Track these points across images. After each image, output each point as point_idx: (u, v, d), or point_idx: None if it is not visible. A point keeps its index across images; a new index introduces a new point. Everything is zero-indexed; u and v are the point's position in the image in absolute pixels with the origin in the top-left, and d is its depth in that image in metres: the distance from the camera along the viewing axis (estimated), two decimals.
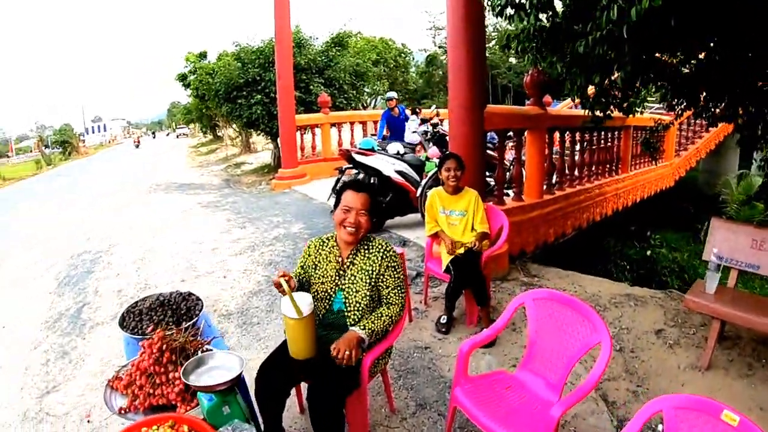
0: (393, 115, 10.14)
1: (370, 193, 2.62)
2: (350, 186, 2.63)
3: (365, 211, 2.58)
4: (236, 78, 13.61)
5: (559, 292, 2.71)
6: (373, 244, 2.69)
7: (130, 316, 2.77)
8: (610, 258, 9.81)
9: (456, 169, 4.15)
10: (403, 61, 32.25)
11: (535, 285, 5.13)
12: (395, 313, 2.61)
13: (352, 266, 2.65)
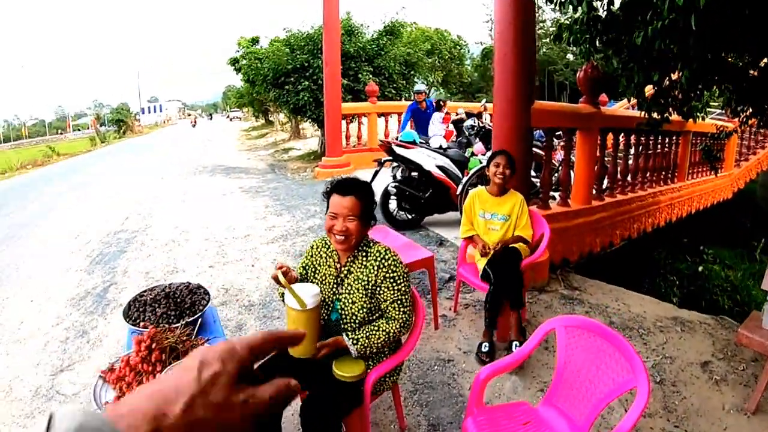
0: (420, 108, 9.77)
1: (360, 195, 2.30)
2: (336, 188, 2.32)
3: (354, 216, 2.28)
4: (284, 64, 13.52)
5: (594, 321, 2.36)
6: (371, 250, 2.41)
7: (135, 306, 2.66)
8: (659, 271, 9.33)
9: (506, 166, 3.82)
10: (458, 53, 31.76)
11: (575, 299, 4.76)
12: (394, 330, 2.33)
13: (349, 275, 2.41)
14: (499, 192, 3.89)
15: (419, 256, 3.81)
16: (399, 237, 4.26)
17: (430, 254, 3.85)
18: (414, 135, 6.35)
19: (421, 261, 3.79)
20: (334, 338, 2.29)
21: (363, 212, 2.30)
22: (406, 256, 3.75)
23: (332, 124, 10.73)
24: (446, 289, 4.75)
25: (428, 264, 3.85)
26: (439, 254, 5.48)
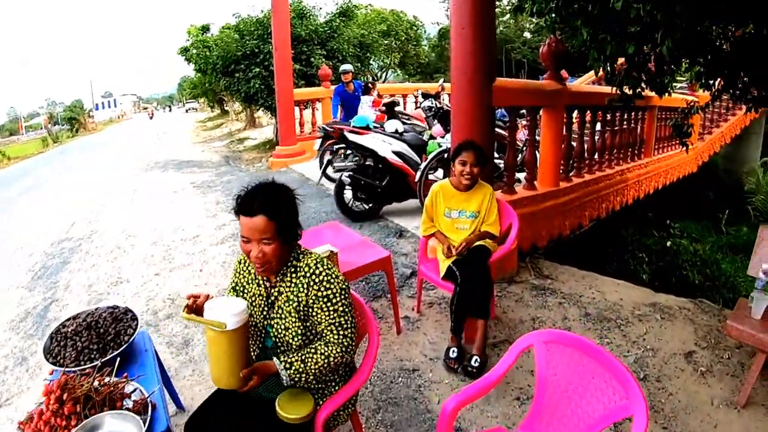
0: (348, 91, 9.00)
1: (271, 211, 1.85)
2: (240, 208, 1.89)
3: (269, 238, 1.86)
4: (233, 51, 12.95)
5: (577, 337, 1.97)
6: (301, 265, 1.99)
7: (56, 340, 2.30)
8: (627, 248, 9.18)
9: (474, 164, 3.35)
10: (414, 33, 31.25)
11: (547, 289, 4.44)
12: (335, 354, 1.93)
13: (280, 295, 2.00)
14: (466, 188, 3.47)
15: (375, 256, 3.39)
16: (352, 235, 3.84)
17: (387, 253, 3.43)
18: (368, 119, 5.91)
19: (378, 262, 3.38)
20: (263, 363, 1.91)
21: (279, 231, 1.87)
22: (360, 257, 3.34)
23: (285, 111, 10.20)
24: (408, 287, 4.36)
25: (385, 265, 3.44)
26: (399, 247, 5.09)
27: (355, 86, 9.08)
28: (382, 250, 3.52)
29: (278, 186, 1.95)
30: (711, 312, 4.38)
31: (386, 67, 30.86)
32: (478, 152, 3.36)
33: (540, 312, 4.04)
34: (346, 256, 3.30)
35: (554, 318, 3.97)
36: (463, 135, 3.99)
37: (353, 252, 3.42)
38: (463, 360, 3.32)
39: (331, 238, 3.68)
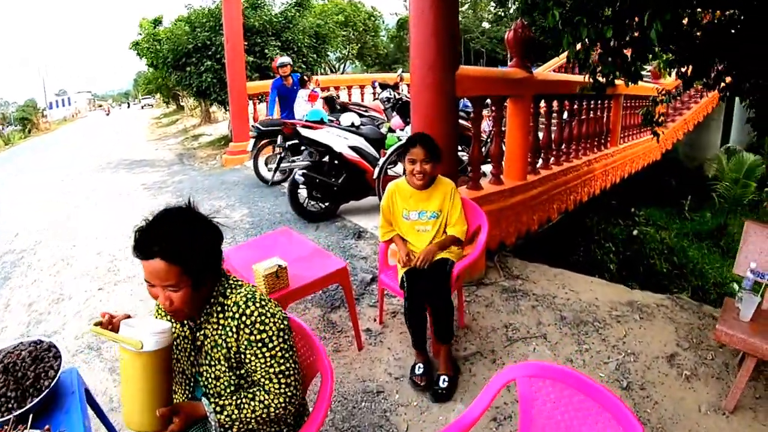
0: (285, 85, 8.33)
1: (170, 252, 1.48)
2: (136, 250, 1.52)
3: (173, 285, 1.49)
4: (184, 43, 12.44)
5: (567, 370, 1.63)
6: (229, 303, 1.62)
7: None
8: (593, 238, 9.04)
9: (425, 160, 2.94)
10: (372, 24, 30.90)
11: (518, 291, 4.15)
12: (277, 405, 1.58)
13: (206, 339, 1.64)
14: (424, 185, 3.08)
15: (329, 268, 3.00)
16: (305, 243, 3.44)
17: (343, 264, 3.04)
18: (322, 113, 5.52)
19: (333, 275, 2.98)
20: (189, 402, 1.58)
21: (187, 274, 1.50)
22: (313, 270, 2.96)
23: (237, 105, 9.74)
24: (369, 294, 4.00)
25: (342, 277, 3.05)
26: (357, 249, 4.73)
27: (293, 80, 8.47)
28: (338, 260, 3.13)
29: (184, 217, 1.57)
30: (690, 309, 4.19)
31: (344, 59, 30.44)
32: (429, 146, 2.95)
33: (513, 318, 3.74)
34: (297, 269, 2.93)
35: (528, 324, 3.68)
36: (423, 127, 3.65)
37: (306, 264, 3.04)
38: (432, 375, 2.99)
39: (281, 247, 3.31)
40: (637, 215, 11.10)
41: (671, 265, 8.89)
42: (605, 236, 9.23)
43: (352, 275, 4.16)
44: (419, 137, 3.00)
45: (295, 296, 2.83)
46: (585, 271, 7.81)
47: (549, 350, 3.42)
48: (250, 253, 3.24)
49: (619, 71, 3.67)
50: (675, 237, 10.39)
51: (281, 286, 2.75)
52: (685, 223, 11.56)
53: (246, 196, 6.82)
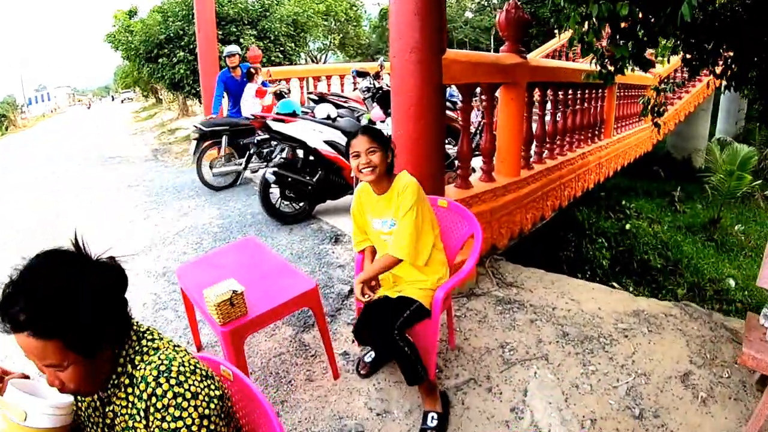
0: (234, 77, 7.49)
1: (44, 326, 1.04)
2: (7, 323, 1.06)
3: (56, 363, 1.08)
4: (156, 34, 11.95)
5: None
6: (138, 376, 1.17)
7: None
8: (585, 233, 8.70)
9: (371, 150, 2.43)
10: (354, 14, 30.16)
11: (514, 302, 3.72)
12: None
13: (116, 417, 1.22)
14: (380, 188, 2.55)
15: (295, 290, 2.50)
16: (270, 258, 2.92)
17: (312, 285, 2.54)
18: (294, 105, 5.02)
19: (300, 298, 2.49)
20: None
21: (69, 347, 1.08)
22: (276, 294, 2.47)
23: (211, 97, 9.13)
24: (347, 310, 3.51)
25: (311, 301, 2.56)
26: (334, 255, 4.24)
27: (242, 71, 7.57)
28: (307, 279, 2.62)
29: (64, 268, 1.14)
30: (700, 319, 3.80)
31: (326, 49, 29.76)
32: (373, 134, 2.49)
33: (509, 335, 3.31)
34: (258, 292, 2.45)
35: (527, 342, 3.25)
36: (406, 119, 3.21)
37: (269, 284, 2.56)
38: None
39: (242, 262, 2.83)
40: (627, 208, 10.79)
41: (665, 261, 8.60)
42: (596, 231, 8.91)
43: (327, 287, 3.70)
44: (361, 128, 2.57)
45: (254, 326, 2.35)
46: (577, 267, 7.55)
47: (551, 373, 2.99)
48: (206, 271, 2.76)
49: (630, 57, 3.23)
50: (668, 231, 10.09)
51: (238, 314, 2.27)
52: (677, 216, 11.28)
53: (215, 196, 6.30)
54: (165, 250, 4.89)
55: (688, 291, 7.72)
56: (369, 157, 2.42)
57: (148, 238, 5.30)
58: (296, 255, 4.24)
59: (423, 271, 2.56)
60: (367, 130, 2.49)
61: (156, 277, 4.33)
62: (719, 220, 10.39)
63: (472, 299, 3.69)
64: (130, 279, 3.41)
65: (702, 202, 12.27)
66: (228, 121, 6.30)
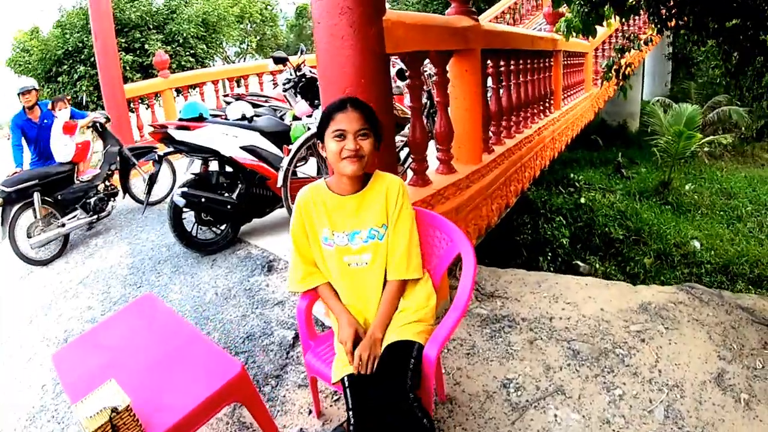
0: (32, 119, 5.72)
1: None
2: None
3: None
4: (54, 50, 10.60)
5: None
6: None
7: None
8: (539, 212, 8.23)
9: (362, 132, 1.74)
10: (270, 14, 28.99)
11: (502, 319, 3.01)
12: None
13: None
14: (354, 185, 1.84)
15: (212, 382, 1.61)
16: (174, 328, 1.98)
17: (236, 369, 1.65)
18: (200, 107, 4.07)
19: (221, 393, 1.60)
20: None
21: None
22: (186, 393, 1.59)
23: (116, 113, 7.92)
24: (294, 366, 2.63)
25: (238, 391, 1.67)
26: (269, 290, 3.34)
27: (42, 111, 5.81)
28: (227, 359, 1.75)
29: None
30: (711, 302, 3.34)
31: (243, 53, 28.46)
32: (365, 111, 1.77)
33: (509, 367, 2.58)
34: (156, 392, 1.59)
35: (534, 373, 2.53)
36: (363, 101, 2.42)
37: (172, 375, 1.70)
38: None
39: (135, 341, 1.95)
40: (576, 181, 10.43)
41: (627, 231, 8.29)
42: (551, 209, 8.46)
43: (264, 335, 2.84)
44: (347, 98, 1.79)
45: None
46: (537, 250, 7.01)
47: (574, 411, 2.30)
48: (90, 357, 1.89)
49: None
50: (622, 199, 9.77)
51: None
52: (627, 183, 11.02)
53: (126, 227, 5.26)
54: (67, 306, 3.93)
55: (656, 259, 7.43)
56: (359, 141, 1.73)
57: (49, 292, 4.32)
58: (222, 295, 3.36)
59: (406, 295, 1.86)
60: (359, 104, 1.76)
61: (56, 345, 3.40)
62: (670, 182, 10.16)
63: None
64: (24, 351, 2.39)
65: (645, 166, 12.15)
66: (36, 174, 4.93)
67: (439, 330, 1.71)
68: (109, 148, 5.52)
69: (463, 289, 1.76)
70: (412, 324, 1.76)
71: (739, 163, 12.72)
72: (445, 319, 1.72)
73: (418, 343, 1.71)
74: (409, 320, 1.77)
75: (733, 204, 9.69)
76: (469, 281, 1.76)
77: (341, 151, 1.70)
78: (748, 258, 7.27)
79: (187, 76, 9.46)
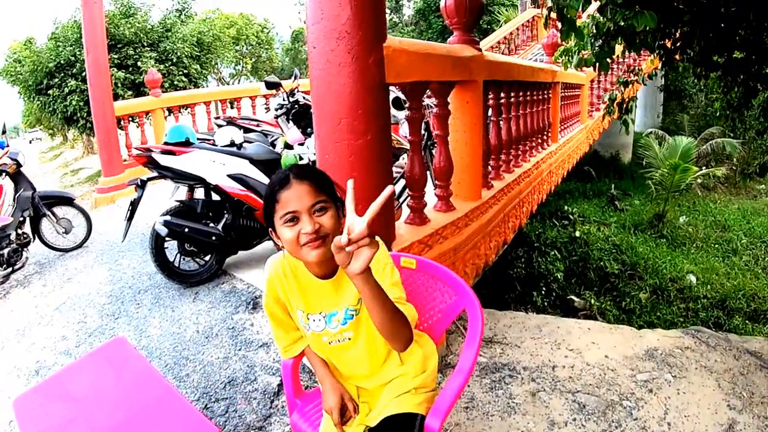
0: None
1: None
2: None
3: None
4: (45, 62, 10.49)
5: None
6: None
7: None
8: (534, 246, 8.10)
9: (317, 209, 1.37)
10: (266, 37, 29.09)
11: (501, 368, 2.83)
12: None
13: None
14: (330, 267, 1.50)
15: None
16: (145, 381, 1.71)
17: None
18: (187, 130, 3.89)
19: None
20: None
21: None
22: None
23: (104, 130, 7.81)
24: (278, 415, 2.42)
25: None
26: (253, 330, 3.13)
27: None
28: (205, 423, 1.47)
29: None
30: (719, 346, 3.24)
31: (238, 75, 28.47)
32: (314, 179, 1.41)
33: (512, 423, 2.39)
34: None
35: (538, 430, 2.34)
36: (335, 136, 2.25)
37: None
38: None
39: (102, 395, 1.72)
40: (571, 213, 10.31)
41: (622, 265, 8.15)
42: (545, 242, 8.33)
43: (247, 381, 2.63)
44: (290, 170, 1.42)
45: None
46: (530, 285, 6.86)
47: None
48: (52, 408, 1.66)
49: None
50: (617, 231, 9.66)
51: None
52: (621, 215, 10.92)
53: (108, 251, 5.04)
54: (41, 335, 3.69)
55: (652, 294, 7.29)
56: (317, 219, 1.37)
57: (23, 319, 4.07)
58: (203, 333, 3.14)
59: (403, 358, 1.62)
60: (305, 173, 1.41)
61: (27, 377, 3.17)
62: (665, 214, 10.07)
63: (447, 373, 2.75)
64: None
65: (639, 198, 12.10)
66: None
67: (442, 399, 1.51)
68: (22, 193, 4.90)
69: (468, 352, 1.57)
70: (411, 393, 1.55)
71: (732, 194, 12.71)
72: (447, 385, 1.53)
73: (420, 415, 1.51)
74: (407, 388, 1.56)
75: (728, 237, 9.61)
76: (475, 343, 1.57)
77: (298, 237, 1.36)
78: (745, 292, 7.16)
79: (178, 96, 9.29)
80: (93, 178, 12.98)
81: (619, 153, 14.99)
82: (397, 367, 1.59)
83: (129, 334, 3.34)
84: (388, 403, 1.53)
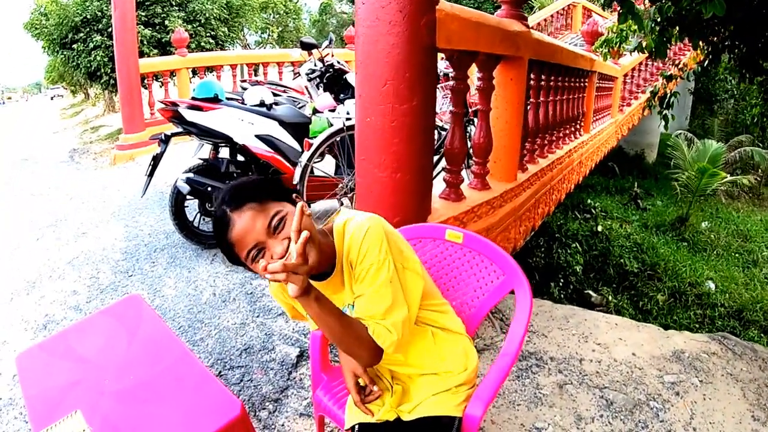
0: None
1: None
2: None
3: None
4: (72, 16, 10.33)
5: None
6: None
7: None
8: (555, 236, 7.98)
9: (276, 219, 1.15)
10: (294, 6, 28.73)
11: (531, 356, 2.73)
12: None
13: None
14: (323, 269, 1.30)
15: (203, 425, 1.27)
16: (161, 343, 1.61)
17: (236, 410, 1.29)
18: (216, 87, 3.75)
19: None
20: None
21: None
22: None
23: (128, 87, 7.73)
24: (296, 390, 2.32)
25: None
26: (271, 299, 3.03)
27: None
28: (222, 392, 1.38)
29: None
30: (745, 355, 3.09)
31: (264, 43, 28.19)
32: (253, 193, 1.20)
33: (538, 414, 2.28)
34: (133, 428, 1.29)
35: (565, 425, 2.24)
36: (378, 99, 2.12)
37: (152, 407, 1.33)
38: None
39: (113, 355, 1.61)
40: (593, 207, 10.15)
41: (642, 264, 8.00)
42: (566, 234, 8.19)
43: (264, 350, 2.54)
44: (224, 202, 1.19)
45: None
46: (549, 276, 6.74)
47: None
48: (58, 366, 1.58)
49: None
50: (639, 230, 9.49)
51: None
52: (643, 214, 10.73)
53: (125, 208, 4.97)
54: (51, 288, 3.63)
55: (669, 297, 7.16)
56: (283, 235, 1.17)
57: (34, 270, 4.01)
58: (221, 297, 3.05)
59: (441, 353, 1.46)
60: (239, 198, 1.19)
61: (35, 331, 3.11)
62: (688, 218, 9.86)
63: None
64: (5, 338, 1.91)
65: (661, 199, 11.89)
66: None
67: (485, 385, 1.40)
68: None
69: (516, 333, 1.46)
70: (451, 392, 1.42)
71: (755, 205, 12.44)
72: (492, 368, 1.42)
73: (457, 417, 1.40)
74: (447, 386, 1.42)
75: (749, 247, 9.40)
76: (523, 326, 1.46)
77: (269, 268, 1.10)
78: (763, 305, 7.00)
79: (205, 56, 9.17)
80: (113, 136, 12.87)
81: (644, 152, 14.71)
82: (439, 362, 1.45)
83: (142, 293, 3.26)
84: (425, 399, 1.40)
